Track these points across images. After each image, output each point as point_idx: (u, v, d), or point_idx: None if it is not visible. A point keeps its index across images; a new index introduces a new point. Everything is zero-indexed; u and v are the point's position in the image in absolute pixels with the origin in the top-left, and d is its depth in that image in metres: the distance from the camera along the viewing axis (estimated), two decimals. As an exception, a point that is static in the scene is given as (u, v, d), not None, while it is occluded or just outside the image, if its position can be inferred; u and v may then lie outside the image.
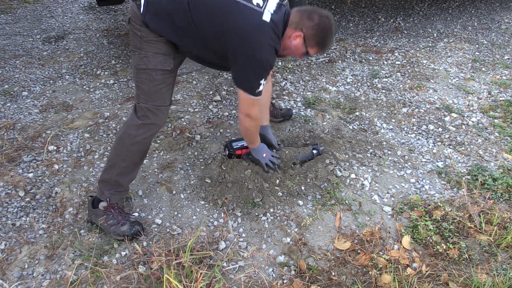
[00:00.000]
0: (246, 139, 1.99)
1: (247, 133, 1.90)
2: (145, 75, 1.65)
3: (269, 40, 1.58)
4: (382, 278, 1.54)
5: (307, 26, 1.63)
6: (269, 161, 2.03)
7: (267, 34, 1.57)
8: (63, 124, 2.50)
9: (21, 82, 2.99)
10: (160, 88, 1.67)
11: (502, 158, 2.21)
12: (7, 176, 2.07)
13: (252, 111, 1.76)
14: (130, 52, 1.65)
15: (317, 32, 1.64)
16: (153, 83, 1.65)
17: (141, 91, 1.67)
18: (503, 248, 1.67)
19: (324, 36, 1.66)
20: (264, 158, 2.02)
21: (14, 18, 4.26)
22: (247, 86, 1.68)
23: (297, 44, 1.68)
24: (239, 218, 1.85)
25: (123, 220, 1.73)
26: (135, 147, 1.71)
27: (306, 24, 1.63)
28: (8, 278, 1.57)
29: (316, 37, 1.66)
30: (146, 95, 1.67)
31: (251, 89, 1.67)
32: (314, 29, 1.63)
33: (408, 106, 2.70)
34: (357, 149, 2.27)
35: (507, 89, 2.89)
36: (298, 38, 1.66)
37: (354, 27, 4.04)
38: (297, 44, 1.68)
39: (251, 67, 1.62)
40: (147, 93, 1.67)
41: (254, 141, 1.97)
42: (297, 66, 3.23)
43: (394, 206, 1.91)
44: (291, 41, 1.67)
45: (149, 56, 1.62)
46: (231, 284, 1.54)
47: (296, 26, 1.65)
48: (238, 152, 2.08)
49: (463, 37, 3.82)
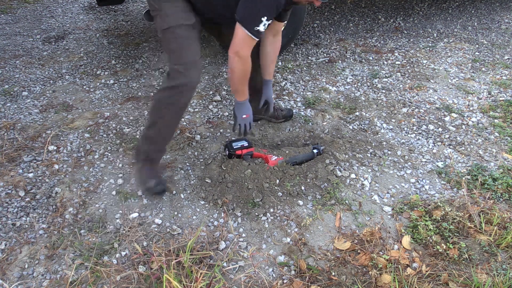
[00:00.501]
0: (231, 85, 1.85)
1: (232, 76, 1.76)
2: (169, 34, 1.66)
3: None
4: (382, 278, 1.54)
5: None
6: (244, 124, 1.96)
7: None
8: (63, 124, 2.50)
9: (21, 82, 2.99)
10: (188, 44, 1.67)
11: (502, 158, 2.21)
12: (7, 176, 2.07)
13: (243, 50, 1.65)
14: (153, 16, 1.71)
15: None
16: (179, 40, 1.66)
17: (170, 51, 1.69)
18: (503, 248, 1.67)
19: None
20: (243, 119, 1.94)
21: (14, 18, 4.26)
22: (246, 19, 1.59)
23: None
24: (239, 218, 1.85)
25: (153, 177, 1.89)
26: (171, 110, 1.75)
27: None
28: (8, 278, 1.57)
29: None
30: (174, 54, 1.68)
31: (250, 23, 1.58)
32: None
33: (408, 106, 2.70)
34: (357, 149, 2.27)
35: (507, 89, 2.89)
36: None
37: (354, 27, 4.04)
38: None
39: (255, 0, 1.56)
40: (175, 51, 1.67)
41: (239, 90, 1.84)
42: (297, 66, 3.23)
43: (394, 206, 1.91)
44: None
45: (169, 15, 1.64)
46: (231, 284, 1.54)
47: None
48: (238, 152, 2.08)
49: (463, 37, 3.82)
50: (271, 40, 2.01)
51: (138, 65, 3.26)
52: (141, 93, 2.86)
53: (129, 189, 2.01)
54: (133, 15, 4.35)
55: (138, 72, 3.14)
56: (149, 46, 3.59)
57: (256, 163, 2.09)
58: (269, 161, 2.06)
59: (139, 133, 2.41)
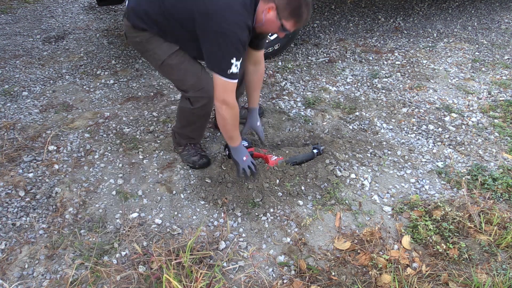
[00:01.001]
0: (223, 132, 1.84)
1: (224, 123, 1.75)
2: (166, 67, 1.77)
3: (237, 15, 1.54)
4: (382, 278, 1.54)
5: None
6: (247, 166, 1.92)
7: (234, 9, 1.54)
8: (63, 124, 2.50)
9: (21, 82, 2.99)
10: (186, 67, 1.75)
11: (502, 158, 2.21)
12: (7, 176, 2.07)
13: (227, 97, 1.65)
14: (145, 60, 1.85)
15: (289, 2, 1.54)
16: (176, 68, 1.75)
17: (176, 81, 1.81)
18: (503, 248, 1.67)
19: (297, 6, 1.55)
20: (244, 161, 1.91)
21: (14, 18, 4.26)
22: (217, 66, 1.59)
23: (271, 18, 1.59)
24: (239, 218, 1.85)
25: (196, 153, 2.11)
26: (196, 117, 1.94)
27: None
28: (8, 278, 1.57)
29: (289, 7, 1.55)
30: (181, 82, 1.77)
31: (222, 69, 1.58)
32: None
33: (408, 106, 2.70)
34: (357, 149, 2.27)
35: (507, 89, 2.89)
36: (271, 11, 1.58)
37: (354, 27, 4.04)
38: (270, 17, 1.59)
39: (219, 44, 1.56)
40: (180, 79, 1.77)
41: (233, 136, 1.84)
42: (297, 66, 3.23)
43: (394, 206, 1.91)
44: (265, 15, 1.60)
45: (156, 51, 1.74)
46: (231, 284, 1.54)
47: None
48: None
49: (463, 37, 3.82)
50: (253, 70, 1.98)
51: (138, 65, 3.26)
52: (141, 93, 2.86)
53: (129, 189, 2.01)
54: (133, 15, 4.35)
55: (138, 72, 3.14)
56: (149, 46, 3.59)
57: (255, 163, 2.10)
58: (269, 161, 2.06)
59: (139, 133, 2.41)
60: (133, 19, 1.71)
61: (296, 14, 1.58)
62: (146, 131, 2.44)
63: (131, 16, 1.71)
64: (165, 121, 2.52)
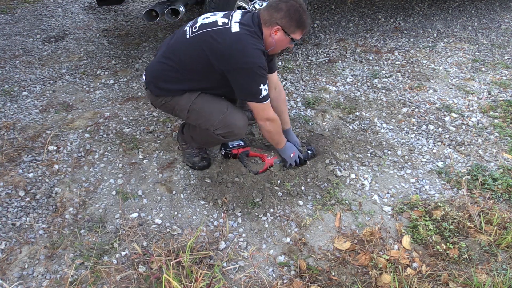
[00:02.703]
0: (271, 141, 2.01)
1: (270, 136, 1.94)
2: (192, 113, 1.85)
3: (250, 45, 1.64)
4: (382, 278, 1.54)
5: (279, 17, 1.67)
6: (294, 161, 2.06)
7: (246, 41, 1.64)
8: (63, 124, 2.50)
9: (21, 82, 2.99)
10: (209, 108, 1.82)
11: (502, 158, 2.21)
12: (7, 176, 2.07)
13: (267, 115, 1.81)
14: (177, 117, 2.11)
15: (291, 17, 1.66)
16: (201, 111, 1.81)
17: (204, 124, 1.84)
18: (503, 248, 1.67)
19: (300, 17, 1.67)
20: (291, 158, 2.04)
21: (14, 18, 4.26)
22: (250, 96, 1.73)
23: (280, 37, 1.72)
24: (239, 218, 1.85)
25: (198, 153, 2.10)
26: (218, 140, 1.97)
27: (277, 16, 1.67)
28: (8, 278, 1.57)
29: (294, 22, 1.67)
30: (209, 123, 1.82)
31: (255, 96, 1.72)
32: (287, 16, 1.66)
33: (408, 106, 2.70)
34: (357, 149, 2.27)
35: (507, 89, 2.89)
36: (278, 32, 1.70)
37: (354, 27, 4.04)
38: (279, 37, 1.71)
39: (244, 77, 1.67)
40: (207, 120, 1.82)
41: (280, 141, 1.99)
42: (297, 66, 3.23)
43: (394, 206, 1.91)
44: (273, 38, 1.71)
45: (180, 103, 1.82)
46: (231, 284, 1.54)
47: (270, 23, 1.69)
48: (235, 151, 2.08)
49: (463, 37, 3.82)
50: (274, 95, 2.04)
51: (138, 65, 3.26)
52: (141, 93, 2.86)
53: (129, 189, 2.01)
54: (133, 15, 4.35)
55: (138, 72, 3.14)
56: (149, 46, 3.59)
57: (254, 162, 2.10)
58: (265, 159, 2.06)
59: (139, 133, 2.41)
60: (154, 90, 1.85)
61: (300, 24, 1.70)
62: (146, 131, 2.44)
63: (151, 87, 1.86)
64: (165, 121, 2.52)
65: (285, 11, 1.65)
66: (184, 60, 1.75)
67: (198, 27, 1.73)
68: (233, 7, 2.88)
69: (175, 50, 1.77)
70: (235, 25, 1.67)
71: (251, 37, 1.65)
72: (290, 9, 1.65)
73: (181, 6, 2.78)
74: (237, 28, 1.66)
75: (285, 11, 1.65)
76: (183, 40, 1.76)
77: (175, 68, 1.77)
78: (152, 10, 2.72)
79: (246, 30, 1.66)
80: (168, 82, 1.81)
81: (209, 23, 1.72)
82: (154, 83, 1.84)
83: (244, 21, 1.69)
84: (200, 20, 1.77)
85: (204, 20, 1.75)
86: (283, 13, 1.65)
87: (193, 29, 1.75)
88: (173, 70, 1.78)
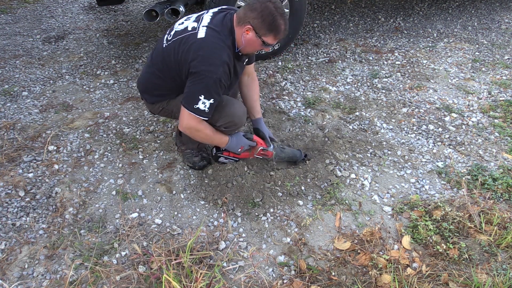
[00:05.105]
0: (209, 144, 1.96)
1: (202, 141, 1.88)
2: None
3: (214, 54, 1.62)
4: (382, 278, 1.54)
5: (252, 17, 1.61)
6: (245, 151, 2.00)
7: (210, 49, 1.62)
8: (63, 124, 2.50)
9: (21, 82, 2.99)
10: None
11: (502, 158, 2.21)
12: (7, 176, 2.07)
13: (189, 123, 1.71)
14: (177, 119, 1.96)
15: (264, 18, 1.59)
16: None
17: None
18: (503, 248, 1.67)
19: (273, 20, 1.60)
20: (240, 151, 1.97)
21: (14, 18, 4.26)
22: (186, 99, 1.66)
23: (251, 38, 1.65)
24: (239, 218, 1.85)
25: (198, 153, 2.11)
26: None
27: (251, 15, 1.61)
28: (8, 278, 1.57)
29: (265, 24, 1.60)
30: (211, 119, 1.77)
31: (189, 103, 1.65)
32: (260, 17, 1.60)
33: (408, 106, 2.70)
34: (357, 149, 2.27)
35: (507, 89, 2.89)
36: (250, 32, 1.64)
37: (354, 27, 4.03)
38: (250, 37, 1.65)
39: (195, 81, 1.65)
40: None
41: (217, 143, 1.90)
42: (297, 66, 3.23)
43: (394, 206, 1.91)
44: (244, 37, 1.66)
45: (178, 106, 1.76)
46: (231, 284, 1.54)
47: (243, 21, 1.64)
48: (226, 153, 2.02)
49: (463, 37, 3.82)
50: (246, 82, 2.03)
51: (138, 65, 3.26)
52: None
53: (129, 189, 2.01)
54: (133, 15, 4.35)
55: (138, 72, 3.14)
56: (149, 46, 3.59)
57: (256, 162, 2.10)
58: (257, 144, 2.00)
59: (139, 133, 2.41)
60: (149, 99, 1.92)
61: (273, 28, 1.62)
62: (146, 131, 2.44)
63: (145, 97, 1.93)
64: (165, 121, 2.52)
65: (258, 12, 1.60)
66: (163, 69, 1.78)
67: (172, 35, 1.75)
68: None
69: (156, 59, 1.81)
70: (202, 29, 1.65)
71: (216, 43, 1.63)
72: (264, 10, 1.59)
73: (181, 6, 2.78)
74: (203, 33, 1.63)
75: (259, 12, 1.60)
76: (161, 49, 1.78)
77: (159, 76, 1.81)
78: (152, 10, 2.72)
79: (212, 34, 1.64)
80: (158, 89, 1.86)
81: (181, 30, 1.73)
82: (146, 92, 1.92)
83: (212, 24, 1.67)
84: (175, 27, 1.78)
85: (178, 27, 1.76)
86: (257, 13, 1.60)
87: (168, 38, 1.77)
88: (159, 78, 1.82)
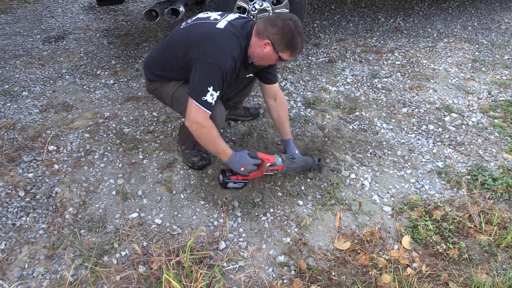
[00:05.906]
0: (210, 151, 1.82)
1: (202, 142, 1.73)
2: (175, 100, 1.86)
3: (226, 45, 1.63)
4: (382, 278, 1.54)
5: (272, 32, 1.65)
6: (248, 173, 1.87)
7: (224, 40, 1.64)
8: (63, 124, 2.50)
9: (21, 82, 2.99)
10: None
11: (502, 158, 2.21)
12: (7, 176, 2.07)
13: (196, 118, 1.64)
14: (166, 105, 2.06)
15: (283, 35, 1.64)
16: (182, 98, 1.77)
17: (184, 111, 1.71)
18: (503, 248, 1.67)
19: (292, 38, 1.65)
20: (243, 171, 1.83)
21: (14, 18, 4.26)
22: (194, 91, 1.62)
23: (268, 52, 1.69)
24: (239, 218, 1.85)
25: (197, 153, 2.10)
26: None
27: (271, 31, 1.65)
28: (8, 278, 1.57)
29: (284, 41, 1.65)
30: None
31: (197, 95, 1.61)
32: (280, 34, 1.64)
33: (408, 106, 2.70)
34: (357, 149, 2.27)
35: (507, 89, 2.89)
36: (268, 46, 1.68)
37: (354, 27, 4.03)
38: (267, 52, 1.69)
39: (202, 70, 1.62)
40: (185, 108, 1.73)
41: (219, 151, 1.76)
42: (297, 66, 3.23)
43: (394, 206, 1.91)
44: (261, 49, 1.69)
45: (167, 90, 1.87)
46: (231, 284, 1.54)
47: (262, 35, 1.67)
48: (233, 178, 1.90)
49: (463, 37, 3.82)
50: (273, 105, 2.04)
51: (138, 65, 3.26)
52: (141, 93, 2.86)
53: (129, 189, 2.01)
54: (133, 15, 4.35)
55: (138, 72, 3.14)
56: (149, 46, 3.59)
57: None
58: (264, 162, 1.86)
59: (139, 133, 2.41)
60: (148, 75, 1.92)
61: (291, 46, 1.67)
62: (146, 131, 2.44)
63: (146, 72, 1.93)
64: (165, 121, 2.52)
65: (279, 28, 1.63)
66: (171, 47, 1.78)
67: (193, 19, 1.79)
68: (232, 7, 2.88)
69: (170, 39, 1.82)
70: (223, 22, 1.68)
71: (232, 38, 1.65)
72: (284, 28, 1.63)
73: (181, 6, 2.78)
74: (223, 25, 1.67)
75: (280, 28, 1.63)
76: (178, 30, 1.81)
77: (164, 55, 1.82)
78: (152, 10, 2.72)
79: (231, 30, 1.66)
80: (159, 68, 1.86)
81: (203, 17, 1.78)
82: (148, 67, 1.92)
83: (234, 22, 1.70)
84: (198, 15, 1.83)
85: (201, 15, 1.81)
86: (277, 29, 1.64)
87: (188, 21, 1.81)
88: (163, 57, 1.83)
